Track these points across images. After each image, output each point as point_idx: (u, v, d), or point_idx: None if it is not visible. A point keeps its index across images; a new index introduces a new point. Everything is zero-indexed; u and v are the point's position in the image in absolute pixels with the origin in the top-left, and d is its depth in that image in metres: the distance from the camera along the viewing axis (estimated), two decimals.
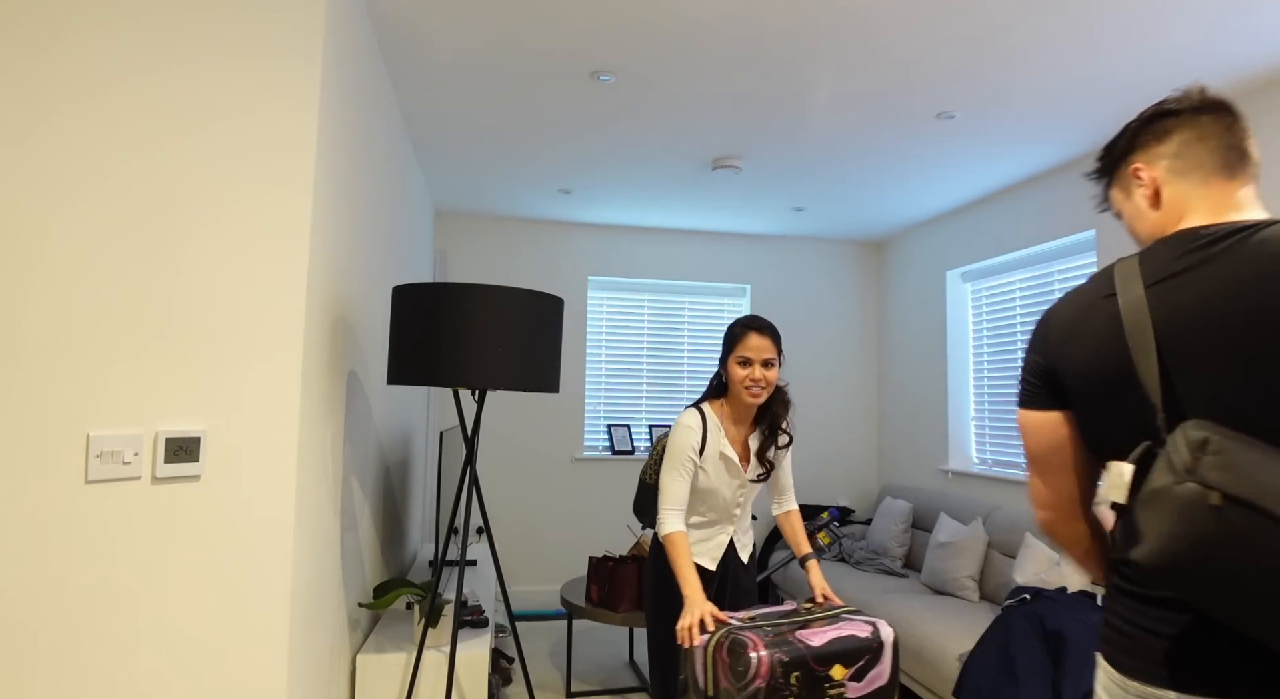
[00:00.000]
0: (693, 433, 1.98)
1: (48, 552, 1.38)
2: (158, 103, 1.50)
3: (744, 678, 1.52)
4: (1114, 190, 1.12)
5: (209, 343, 1.52)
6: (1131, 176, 1.06)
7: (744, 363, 1.95)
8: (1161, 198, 1.02)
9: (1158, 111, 1.05)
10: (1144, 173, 1.04)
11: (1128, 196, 1.08)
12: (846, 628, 1.66)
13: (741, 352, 1.96)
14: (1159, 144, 1.03)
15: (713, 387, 2.09)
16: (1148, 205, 1.04)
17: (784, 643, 1.57)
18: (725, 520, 2.05)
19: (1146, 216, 1.05)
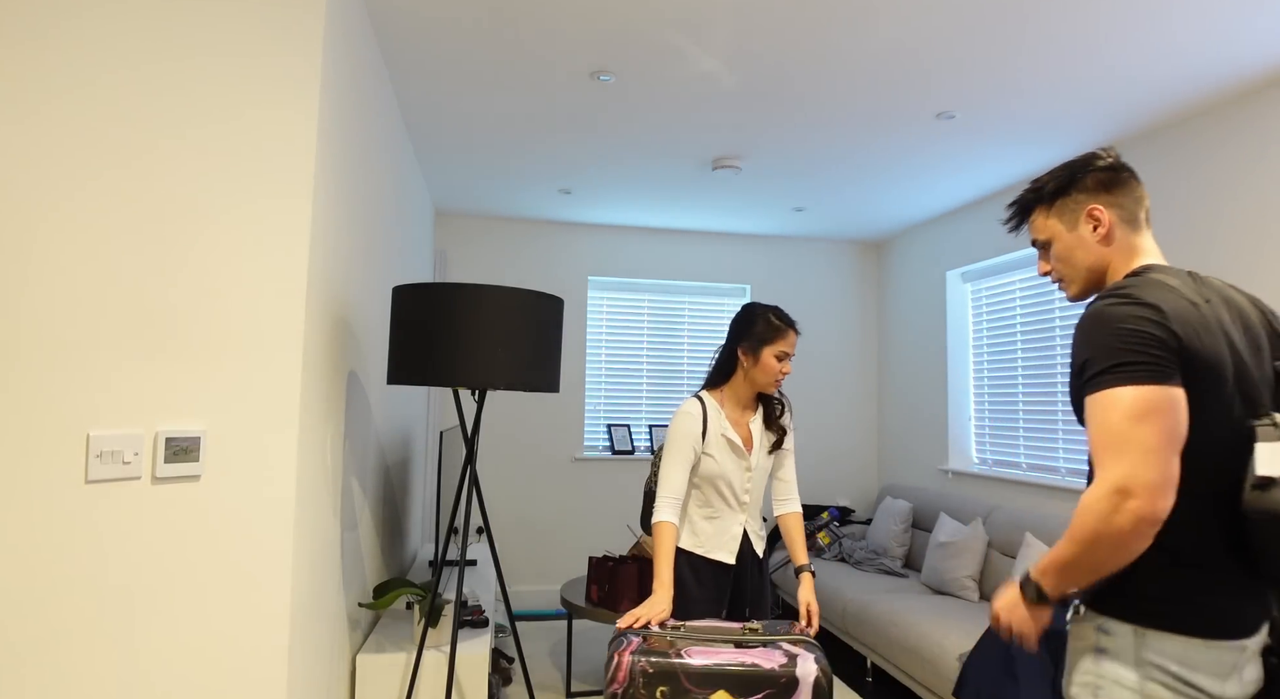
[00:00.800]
0: (693, 420, 1.99)
1: (48, 552, 1.38)
2: (157, 102, 1.50)
3: (605, 678, 1.50)
4: (1048, 218, 1.32)
5: (209, 343, 1.52)
6: (1085, 214, 1.27)
7: (782, 357, 2.01)
8: (1113, 237, 1.26)
9: (1111, 166, 1.27)
10: (1101, 214, 1.26)
11: (1070, 227, 1.30)
12: (754, 656, 1.51)
13: (784, 346, 2.01)
14: (1111, 194, 1.27)
15: (719, 372, 2.09)
16: (1096, 241, 1.27)
17: (659, 654, 1.48)
18: (737, 509, 2.05)
19: (1092, 249, 1.28)
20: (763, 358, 2.01)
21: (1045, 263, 1.36)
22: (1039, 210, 1.34)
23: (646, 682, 1.46)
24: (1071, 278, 1.32)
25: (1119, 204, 1.26)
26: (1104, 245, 1.27)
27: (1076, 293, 1.34)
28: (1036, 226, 1.34)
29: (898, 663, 3.10)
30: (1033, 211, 1.35)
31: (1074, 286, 1.33)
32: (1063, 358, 3.54)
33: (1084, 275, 1.30)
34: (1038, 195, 1.33)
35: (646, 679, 1.46)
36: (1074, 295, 1.35)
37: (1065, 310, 3.55)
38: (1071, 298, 1.35)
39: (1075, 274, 1.31)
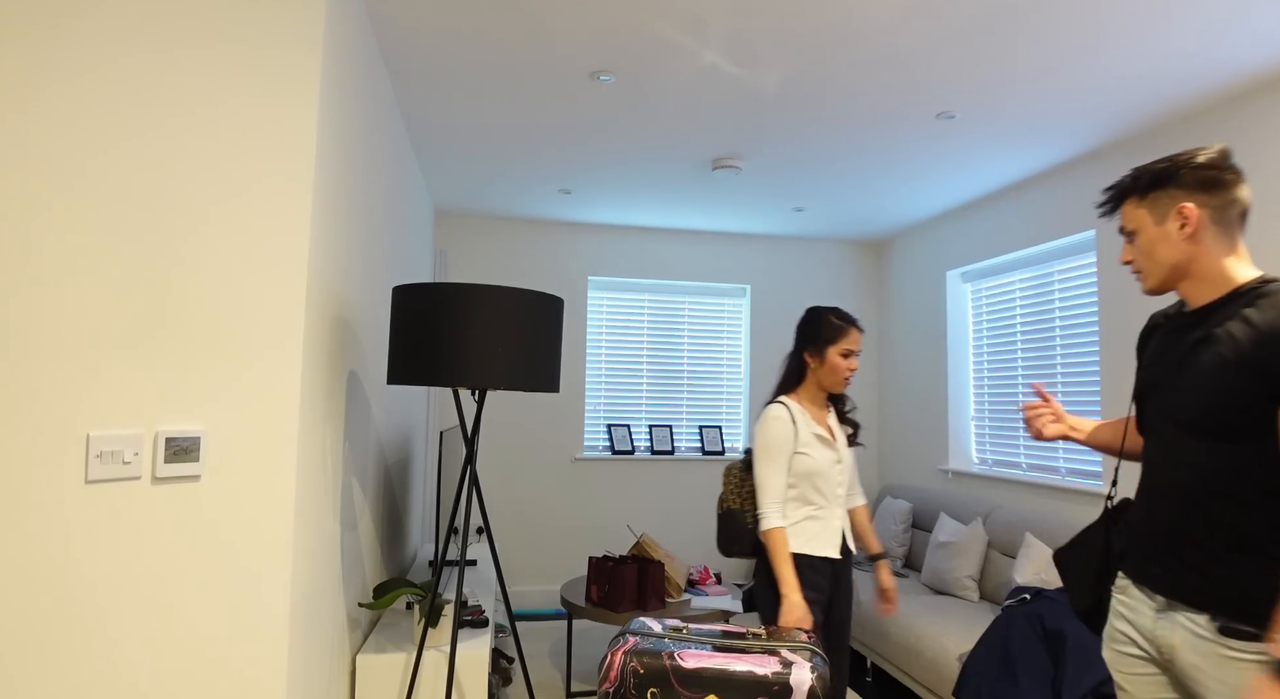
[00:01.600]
0: (785, 423, 2.05)
1: (48, 552, 1.38)
2: (157, 102, 1.50)
3: (599, 676, 1.50)
4: (1138, 208, 1.31)
5: (209, 343, 1.52)
6: (1175, 210, 1.26)
7: (847, 354, 2.07)
8: (1201, 237, 1.26)
9: (1212, 164, 1.26)
10: (1191, 213, 1.25)
11: (1157, 221, 1.29)
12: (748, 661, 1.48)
13: (848, 344, 2.08)
14: (1207, 194, 1.25)
15: (792, 377, 2.15)
16: (1182, 238, 1.27)
17: (652, 655, 1.47)
18: (834, 504, 2.10)
19: (1176, 246, 1.27)
20: (829, 358, 2.08)
21: (1129, 251, 1.36)
22: (1132, 199, 1.33)
23: (638, 683, 1.45)
24: (1150, 272, 1.32)
25: (1213, 205, 1.26)
26: (1190, 244, 1.27)
27: (1153, 286, 1.33)
28: (1126, 214, 1.34)
29: (898, 663, 3.10)
30: (1126, 199, 1.34)
31: (1151, 280, 1.33)
32: (1063, 358, 3.54)
33: (1164, 271, 1.30)
34: (1134, 184, 1.33)
35: (638, 680, 1.45)
36: (1150, 289, 1.34)
37: (1065, 310, 3.55)
38: (1147, 291, 1.35)
39: (1155, 269, 1.31)
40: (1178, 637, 1.22)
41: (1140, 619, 1.30)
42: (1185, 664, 1.21)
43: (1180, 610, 1.22)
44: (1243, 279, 1.27)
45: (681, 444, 4.88)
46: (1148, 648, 1.29)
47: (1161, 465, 1.30)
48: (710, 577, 3.56)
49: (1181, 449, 1.26)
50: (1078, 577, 1.47)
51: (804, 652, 1.56)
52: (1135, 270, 1.36)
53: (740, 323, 5.02)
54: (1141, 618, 1.29)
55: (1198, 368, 1.25)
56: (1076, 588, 1.47)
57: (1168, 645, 1.24)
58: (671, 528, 4.75)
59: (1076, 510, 3.35)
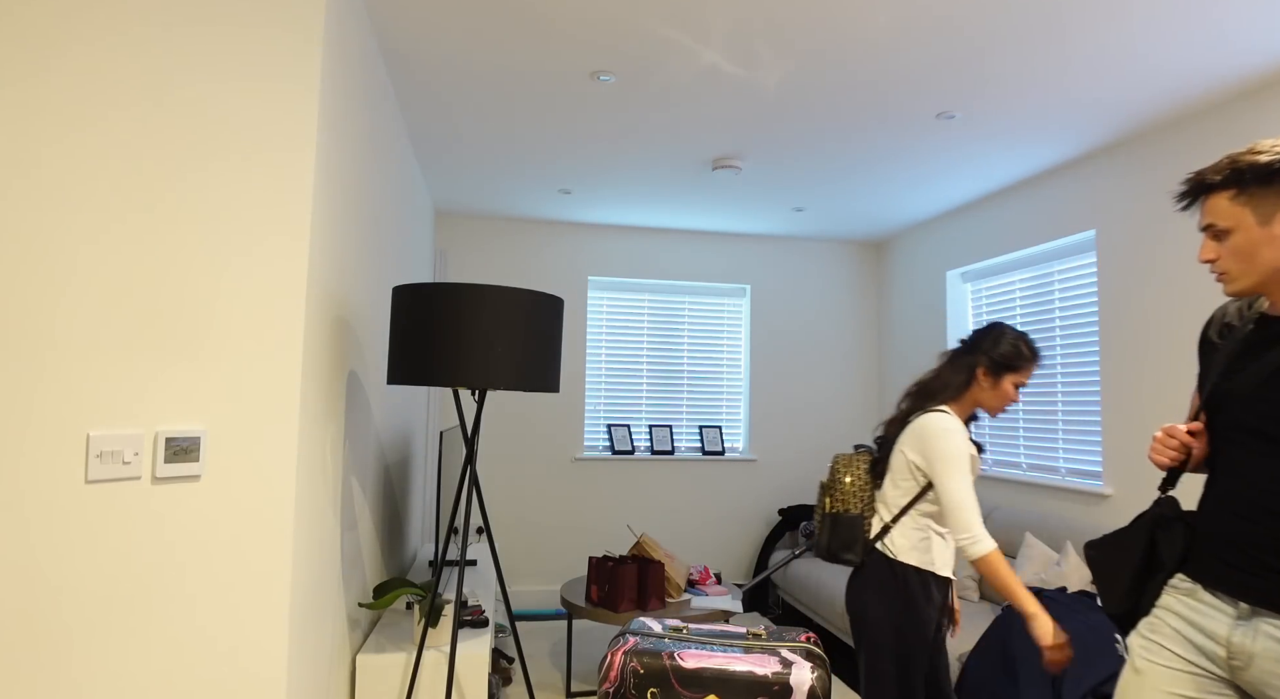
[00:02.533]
0: (964, 436, 1.93)
1: (48, 552, 1.38)
2: (156, 102, 1.50)
3: (599, 676, 1.49)
4: (1237, 204, 1.19)
5: (209, 343, 1.52)
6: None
7: (1018, 386, 2.01)
8: None
9: None
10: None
11: (1262, 221, 1.18)
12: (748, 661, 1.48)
13: (1023, 377, 2.01)
14: None
15: (956, 388, 2.04)
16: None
17: (652, 655, 1.47)
18: None
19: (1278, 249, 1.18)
20: (1004, 384, 1.99)
21: (1213, 249, 1.24)
22: (1228, 193, 1.20)
23: (638, 683, 1.45)
24: (1242, 274, 1.22)
25: None
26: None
27: (1243, 289, 1.24)
28: (1219, 210, 1.21)
29: None
30: (1217, 191, 1.21)
31: (1242, 282, 1.23)
32: (1063, 358, 3.54)
33: (1260, 276, 1.21)
34: (1236, 175, 1.19)
35: (637, 680, 1.45)
36: (1238, 291, 1.24)
37: (1065, 311, 3.55)
38: (1233, 293, 1.25)
39: (1251, 272, 1.21)
40: (1259, 644, 1.20)
41: (1213, 625, 1.26)
42: (1263, 671, 1.19)
43: (1266, 617, 1.20)
44: None
45: (681, 444, 4.88)
46: (1214, 651, 1.26)
47: (1246, 477, 1.25)
48: (710, 577, 3.56)
49: (1271, 461, 1.22)
50: (1114, 579, 1.42)
51: (803, 653, 1.56)
52: (1220, 271, 1.25)
53: (740, 323, 5.02)
54: (1215, 624, 1.26)
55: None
56: (1112, 591, 1.42)
57: (1245, 652, 1.21)
58: (671, 528, 4.75)
59: (1076, 510, 3.35)
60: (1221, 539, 1.28)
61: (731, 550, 4.81)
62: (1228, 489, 1.29)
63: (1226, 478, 1.29)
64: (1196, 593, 1.31)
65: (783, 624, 4.34)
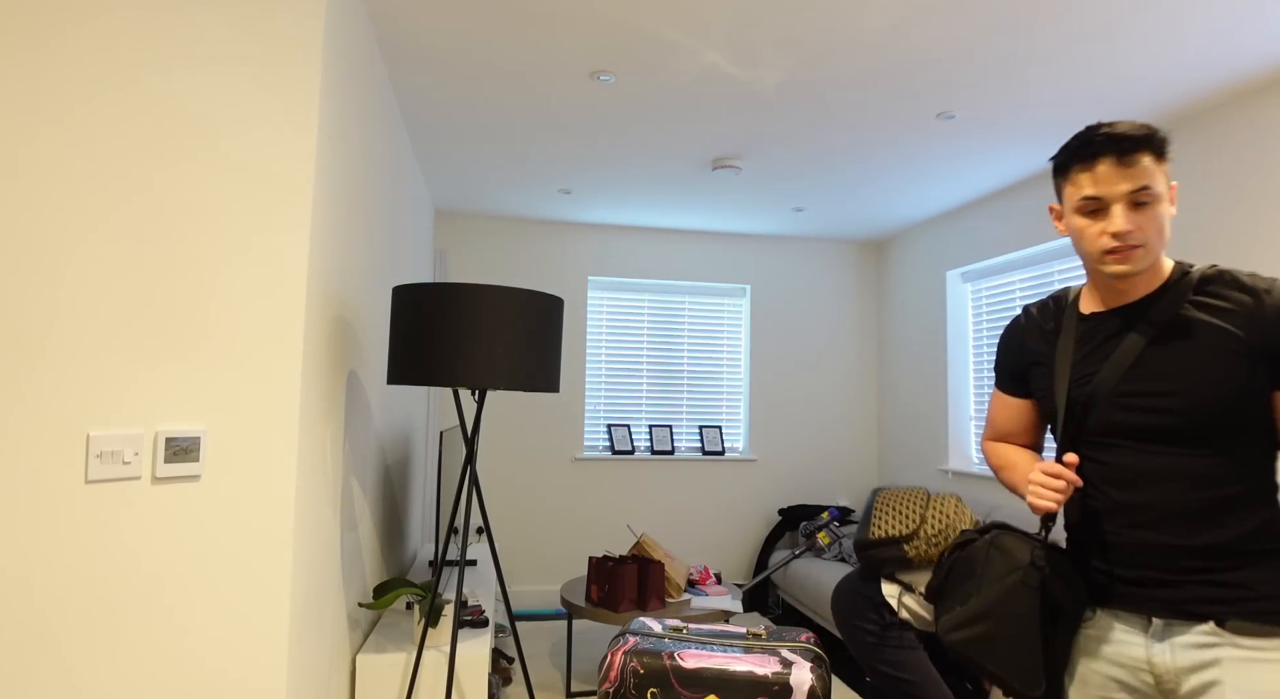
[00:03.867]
0: None
1: (48, 552, 1.38)
2: (156, 103, 1.50)
3: (599, 676, 1.49)
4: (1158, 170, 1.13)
5: (209, 343, 1.52)
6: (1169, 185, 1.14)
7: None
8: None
9: None
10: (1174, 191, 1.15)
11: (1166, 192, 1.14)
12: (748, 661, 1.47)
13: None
14: None
15: None
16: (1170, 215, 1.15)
17: (652, 655, 1.47)
18: None
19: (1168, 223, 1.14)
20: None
21: (1131, 218, 1.12)
22: (1152, 155, 1.12)
23: (638, 683, 1.45)
24: (1151, 250, 1.14)
25: None
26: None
27: (1143, 268, 1.14)
28: (1153, 173, 1.12)
29: None
30: (1147, 152, 1.12)
31: (1147, 259, 1.14)
32: None
33: (1161, 249, 1.15)
34: (1152, 139, 1.12)
35: (638, 680, 1.45)
36: (1139, 270, 1.14)
37: None
38: (1132, 272, 1.14)
39: (1157, 247, 1.14)
40: (1182, 658, 1.10)
41: (1131, 651, 1.15)
42: (1200, 685, 1.08)
43: (1179, 627, 1.11)
44: (1172, 266, 1.20)
45: (681, 444, 4.88)
46: (1144, 682, 1.14)
47: (1139, 485, 1.14)
48: (710, 577, 3.56)
49: (1159, 459, 1.13)
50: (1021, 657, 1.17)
51: (803, 652, 1.56)
52: (1132, 245, 1.13)
53: (740, 323, 5.02)
54: (1131, 649, 1.15)
55: (1177, 366, 1.12)
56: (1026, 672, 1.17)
57: (1171, 671, 1.11)
58: (671, 528, 4.75)
59: None
60: (1117, 557, 1.17)
61: (731, 550, 4.81)
62: (1117, 502, 1.17)
63: (1112, 490, 1.17)
64: (1099, 619, 1.19)
65: (783, 624, 4.34)
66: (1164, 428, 1.13)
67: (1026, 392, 1.36)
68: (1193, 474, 1.11)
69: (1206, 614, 1.09)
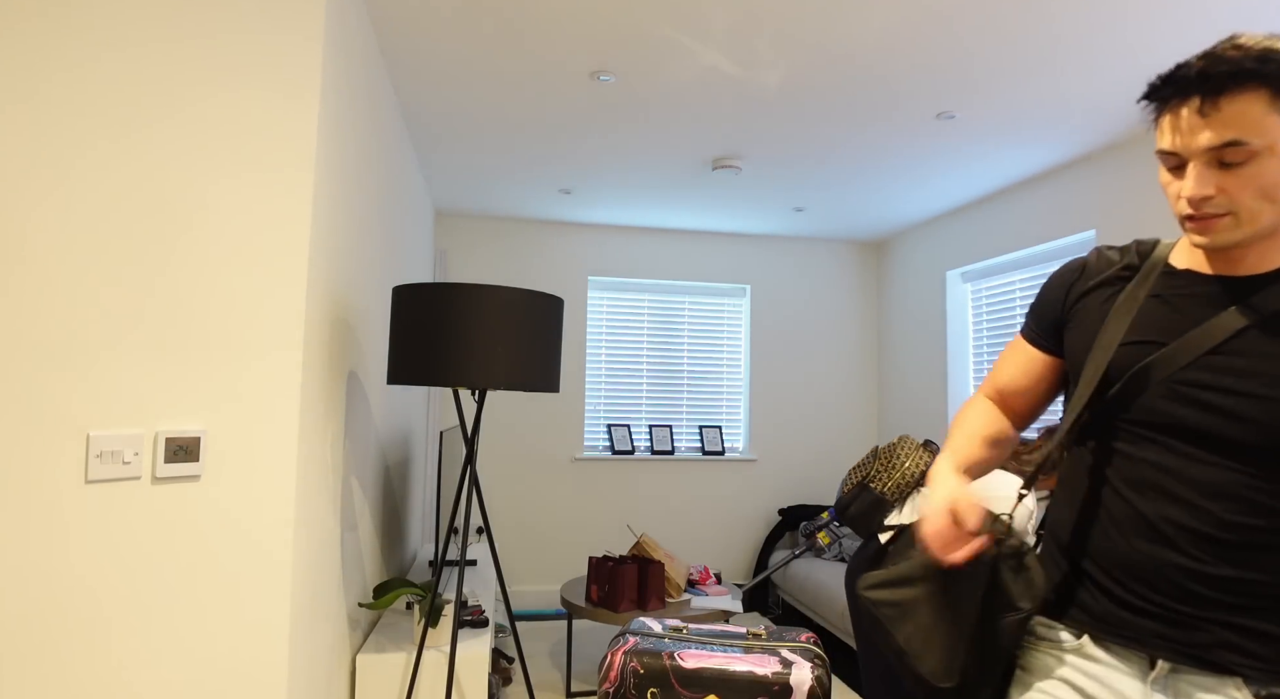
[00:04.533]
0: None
1: (48, 552, 1.38)
2: (156, 102, 1.50)
3: (599, 676, 1.49)
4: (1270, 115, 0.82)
5: (209, 343, 1.52)
6: None
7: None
8: None
9: None
10: None
11: None
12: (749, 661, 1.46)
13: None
14: None
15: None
16: None
17: (652, 655, 1.46)
18: None
19: None
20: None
21: (1211, 179, 0.86)
22: (1263, 93, 0.82)
23: (638, 683, 1.45)
24: (1254, 216, 0.86)
25: None
26: None
27: (1240, 239, 0.88)
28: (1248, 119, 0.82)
29: None
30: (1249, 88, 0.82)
31: (1238, 232, 0.88)
32: None
33: (1273, 218, 0.87)
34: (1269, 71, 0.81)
35: (638, 680, 1.45)
36: (1224, 243, 0.89)
37: None
38: (1212, 246, 0.90)
39: (1264, 213, 0.86)
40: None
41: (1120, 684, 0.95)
42: None
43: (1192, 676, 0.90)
44: None
45: (681, 444, 4.88)
46: None
47: (1169, 489, 0.93)
48: (710, 577, 3.56)
49: (1209, 470, 0.90)
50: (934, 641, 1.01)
51: (804, 653, 1.56)
52: (1220, 212, 0.87)
53: (740, 323, 5.02)
54: (1120, 685, 0.95)
55: (1272, 367, 0.88)
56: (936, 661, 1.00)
57: None
58: (671, 528, 4.75)
59: None
60: (1122, 574, 0.96)
61: (731, 550, 4.81)
62: (1137, 510, 0.95)
63: (1134, 494, 0.96)
64: (1086, 649, 0.98)
65: (783, 624, 4.34)
66: (1228, 435, 0.90)
67: (1057, 346, 1.10)
68: (1245, 495, 0.88)
69: (1233, 668, 0.88)
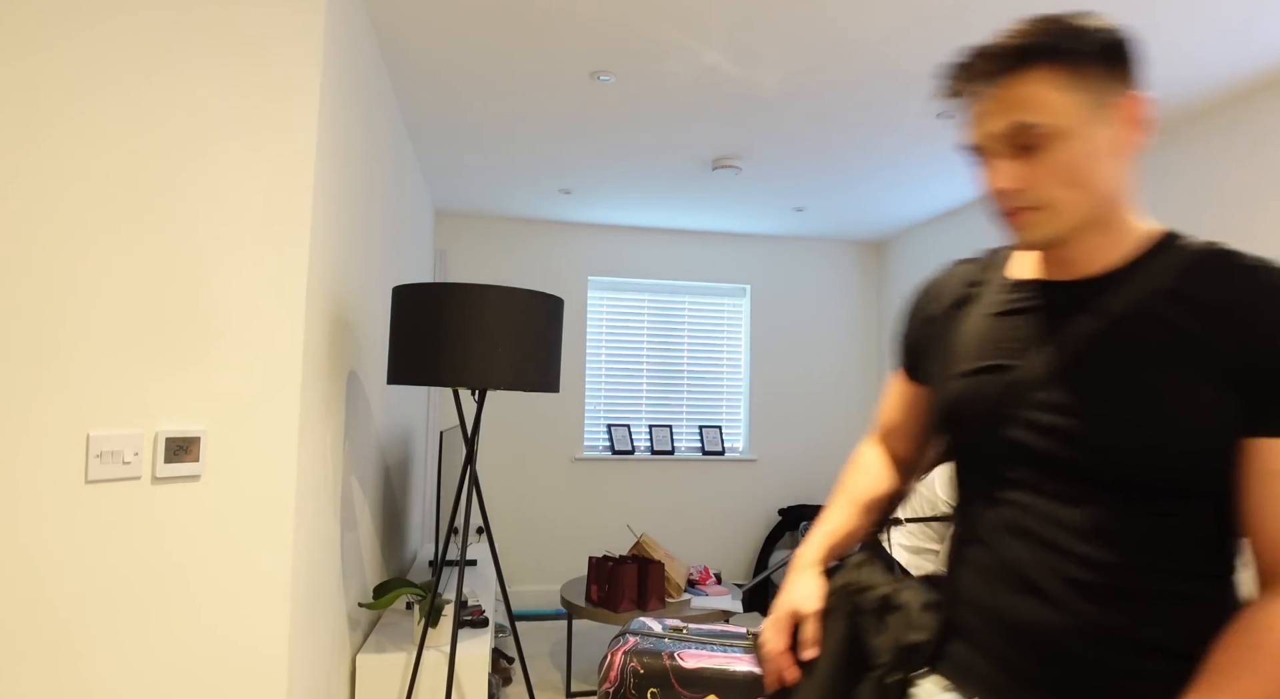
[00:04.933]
0: None
1: (48, 552, 1.38)
2: (157, 103, 1.50)
3: (599, 676, 1.49)
4: (1058, 90, 0.73)
5: (209, 343, 1.52)
6: (1123, 105, 0.74)
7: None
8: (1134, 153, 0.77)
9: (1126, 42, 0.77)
10: (1142, 109, 0.75)
11: (1094, 118, 0.73)
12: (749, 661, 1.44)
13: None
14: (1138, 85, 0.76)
15: None
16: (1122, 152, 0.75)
17: (652, 654, 1.45)
18: None
19: (1117, 166, 0.75)
20: None
21: (1014, 170, 0.76)
22: (1054, 70, 0.73)
23: (638, 683, 1.45)
24: (1069, 206, 0.75)
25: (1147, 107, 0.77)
26: (1125, 162, 0.76)
27: (1057, 233, 0.77)
28: (1041, 100, 0.73)
29: None
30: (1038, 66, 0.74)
31: (1058, 225, 0.76)
32: None
33: (1089, 209, 0.75)
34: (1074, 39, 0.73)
35: (638, 680, 1.45)
36: (1049, 238, 0.77)
37: None
38: (1040, 242, 0.78)
39: (1079, 202, 0.75)
40: None
41: None
42: None
43: None
44: (1149, 232, 0.80)
45: (681, 444, 4.88)
46: None
47: (1025, 530, 0.80)
48: (710, 577, 3.56)
49: (1072, 510, 0.77)
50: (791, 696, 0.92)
51: None
52: (1031, 205, 0.76)
53: (740, 323, 5.02)
54: None
55: (1124, 382, 0.75)
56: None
57: None
58: (671, 528, 4.75)
59: None
60: (993, 627, 0.82)
61: (731, 550, 4.81)
62: (1002, 559, 0.82)
63: (998, 540, 0.83)
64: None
65: None
66: (1085, 465, 0.76)
67: (926, 376, 0.97)
68: (1116, 536, 0.75)
69: None
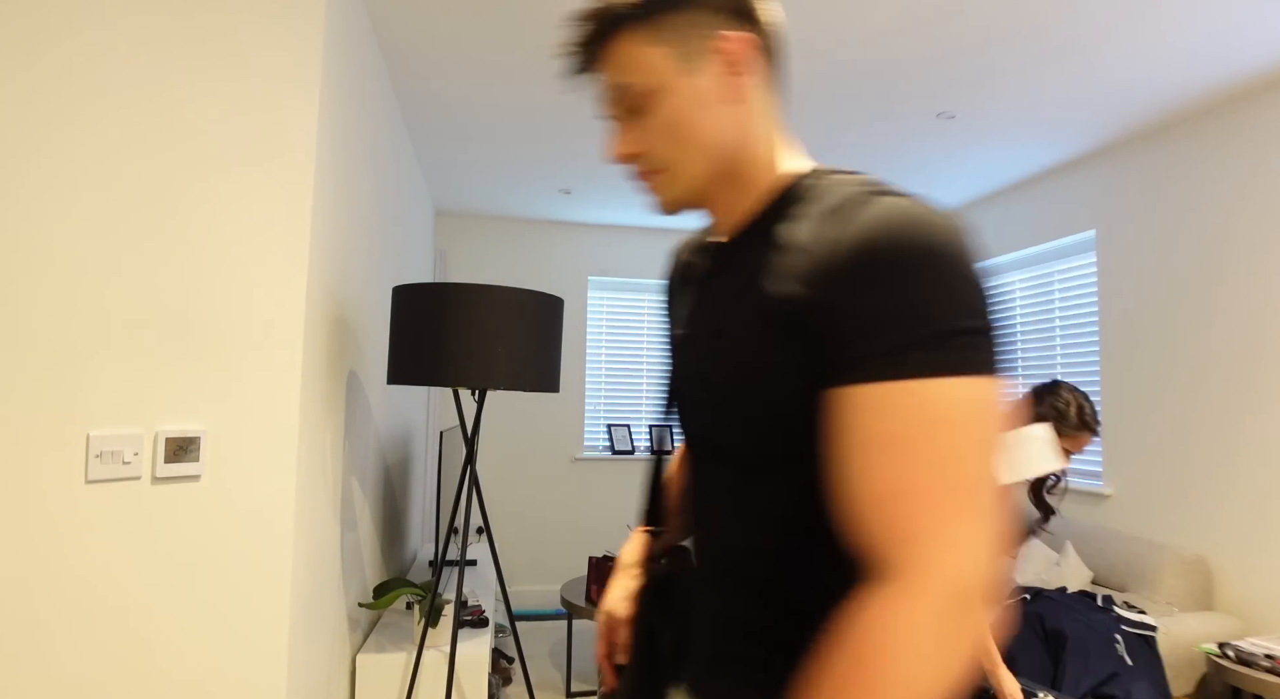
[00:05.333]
0: None
1: (48, 552, 1.38)
2: (158, 103, 1.50)
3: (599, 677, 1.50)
4: (647, 46, 0.70)
5: (209, 343, 1.52)
6: (711, 47, 0.70)
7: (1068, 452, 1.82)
8: (750, 97, 0.71)
9: None
10: (740, 49, 0.69)
11: (685, 68, 0.69)
12: None
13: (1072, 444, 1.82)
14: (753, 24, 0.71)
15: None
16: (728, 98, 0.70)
17: None
18: None
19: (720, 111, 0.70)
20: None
21: (633, 137, 0.72)
22: (641, 28, 0.70)
23: None
24: (683, 165, 0.71)
25: (765, 46, 0.72)
26: (739, 108, 0.71)
27: (685, 194, 0.73)
28: (634, 59, 0.70)
29: None
30: (629, 29, 0.70)
31: (686, 181, 0.72)
32: (1063, 358, 3.54)
33: (706, 162, 0.71)
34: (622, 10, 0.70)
35: None
36: (676, 201, 0.74)
37: (1065, 311, 3.54)
38: (671, 205, 0.75)
39: (694, 158, 0.71)
40: None
41: None
42: None
43: None
44: (792, 172, 0.73)
45: None
46: None
47: (710, 518, 0.75)
48: None
49: (720, 484, 0.73)
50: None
51: None
52: (654, 169, 0.73)
53: None
54: None
55: (713, 340, 0.71)
56: None
57: None
58: None
59: (1077, 510, 3.35)
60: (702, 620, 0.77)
61: None
62: (699, 539, 0.77)
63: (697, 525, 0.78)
64: None
65: None
66: (708, 437, 0.73)
67: None
68: (750, 510, 0.70)
69: None
